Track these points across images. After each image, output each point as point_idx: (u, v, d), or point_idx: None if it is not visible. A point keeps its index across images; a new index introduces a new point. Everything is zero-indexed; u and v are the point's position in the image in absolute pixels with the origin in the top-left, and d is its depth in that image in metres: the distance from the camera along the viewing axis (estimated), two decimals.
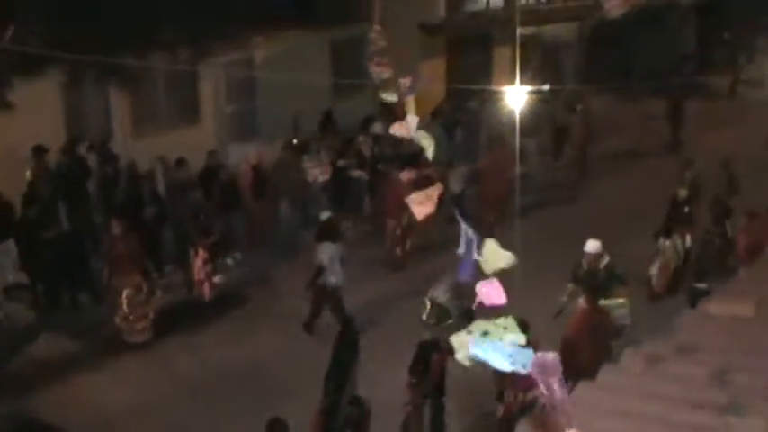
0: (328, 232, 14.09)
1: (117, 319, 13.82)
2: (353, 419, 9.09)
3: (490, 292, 7.55)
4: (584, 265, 12.80)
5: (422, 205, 7.68)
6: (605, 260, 12.78)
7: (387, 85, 8.60)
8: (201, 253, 14.73)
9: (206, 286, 14.83)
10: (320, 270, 13.66)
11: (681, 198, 15.34)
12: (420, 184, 8.83)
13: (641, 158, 22.40)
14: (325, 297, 13.88)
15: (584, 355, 10.80)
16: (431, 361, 10.25)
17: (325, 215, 14.55)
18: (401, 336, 10.08)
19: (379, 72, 10.98)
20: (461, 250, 6.92)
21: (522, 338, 6.88)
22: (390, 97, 10.08)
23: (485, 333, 6.04)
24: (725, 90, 28.59)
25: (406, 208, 16.10)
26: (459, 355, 5.61)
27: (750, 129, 23.19)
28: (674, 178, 16.30)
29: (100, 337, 14.08)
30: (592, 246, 12.79)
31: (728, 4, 28.69)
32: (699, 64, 30.62)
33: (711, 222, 15.04)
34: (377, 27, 8.77)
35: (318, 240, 13.99)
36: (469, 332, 6.01)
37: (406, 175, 15.52)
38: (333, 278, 13.77)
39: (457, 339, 5.74)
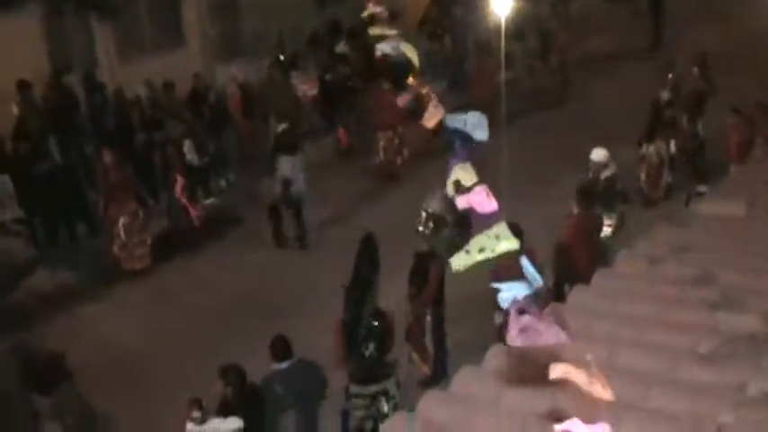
0: (285, 144, 14.20)
1: (115, 248, 13.90)
2: (376, 333, 9.19)
3: (481, 201, 7.65)
4: (590, 174, 12.74)
5: (432, 116, 7.77)
6: (608, 172, 12.63)
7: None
8: (179, 179, 14.66)
9: (192, 211, 14.81)
10: (286, 183, 13.90)
11: (663, 101, 14.89)
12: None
13: (628, 59, 22.17)
14: (287, 208, 14.24)
15: (578, 259, 10.91)
16: (429, 271, 10.33)
17: (280, 127, 14.56)
18: (399, 246, 10.10)
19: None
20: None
21: (515, 243, 6.97)
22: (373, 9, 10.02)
23: (481, 250, 6.13)
24: None
25: (400, 118, 16.36)
26: (453, 268, 5.69)
27: (742, 21, 22.86)
28: (658, 80, 16.08)
29: (99, 268, 14.18)
30: (596, 154, 12.66)
31: None
32: None
33: (685, 122, 14.90)
34: None
35: (276, 153, 14.10)
36: (467, 251, 6.09)
37: (402, 100, 15.45)
38: (295, 189, 14.03)
39: (456, 260, 5.81)
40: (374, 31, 12.72)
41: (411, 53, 8.06)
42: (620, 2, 24.81)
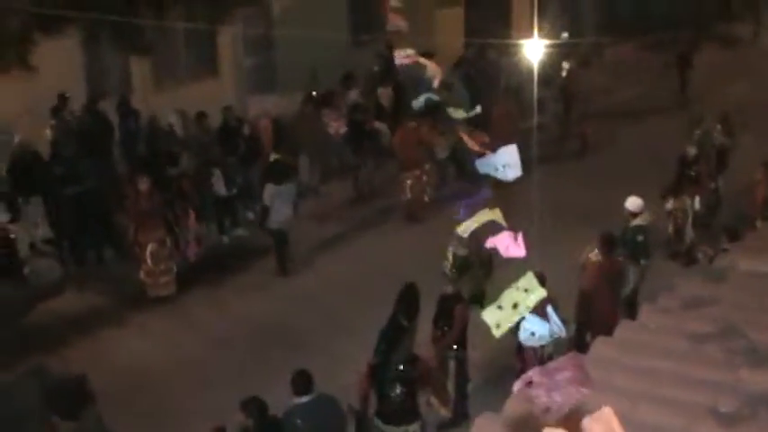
0: (272, 174, 14.59)
1: (141, 274, 14.04)
2: (405, 377, 9.29)
3: (509, 245, 7.70)
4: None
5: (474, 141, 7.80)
6: (637, 221, 12.51)
7: (401, 35, 8.87)
8: (191, 212, 14.87)
9: (191, 246, 14.90)
10: (264, 210, 14.35)
11: (690, 156, 14.88)
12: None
13: (657, 111, 22.23)
14: (271, 237, 14.66)
15: (600, 308, 10.95)
16: (453, 313, 10.39)
17: (272, 156, 14.99)
18: (423, 288, 10.18)
19: (395, 22, 11.08)
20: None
21: (542, 293, 7.05)
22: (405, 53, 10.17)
23: (514, 306, 6.19)
24: (747, 37, 28.24)
25: (426, 158, 16.44)
26: (498, 333, 5.73)
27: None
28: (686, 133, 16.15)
29: (125, 293, 14.33)
30: (630, 202, 12.57)
31: None
32: (719, 9, 30.27)
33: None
34: None
35: (263, 182, 14.60)
36: (500, 307, 6.15)
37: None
38: (274, 219, 14.39)
39: (493, 317, 5.85)
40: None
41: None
42: (654, 51, 24.95)
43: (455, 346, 10.48)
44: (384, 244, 15.73)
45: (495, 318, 5.82)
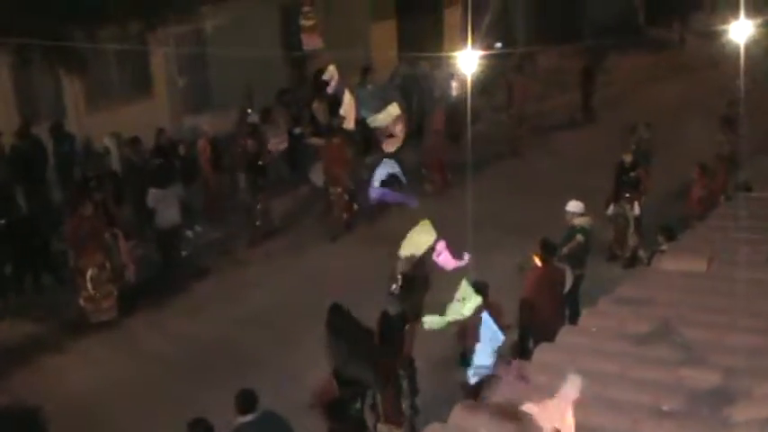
0: (155, 178, 15.20)
1: (81, 301, 13.83)
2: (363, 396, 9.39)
3: (446, 260, 7.78)
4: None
5: (392, 142, 7.86)
6: (578, 221, 12.75)
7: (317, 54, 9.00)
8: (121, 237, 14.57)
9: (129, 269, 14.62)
10: (149, 213, 14.90)
11: (627, 164, 15.10)
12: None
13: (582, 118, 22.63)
14: (160, 238, 15.13)
15: (542, 313, 11.06)
16: (402, 334, 10.39)
17: (153, 162, 15.68)
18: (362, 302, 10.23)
19: (310, 43, 11.11)
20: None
21: (478, 300, 7.13)
22: (326, 75, 10.24)
23: (452, 313, 6.31)
24: (674, 42, 28.86)
25: (349, 173, 16.44)
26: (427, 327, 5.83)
27: (696, 81, 23.48)
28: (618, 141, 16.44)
29: (65, 319, 14.10)
30: (571, 205, 12.85)
31: None
32: (647, 15, 30.92)
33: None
34: (307, 8, 9.02)
35: (146, 186, 15.02)
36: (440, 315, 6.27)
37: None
38: (160, 221, 14.89)
39: (429, 320, 5.95)
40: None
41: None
42: (582, 59, 25.32)
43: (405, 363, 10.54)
44: (320, 260, 15.74)
45: (435, 322, 5.97)
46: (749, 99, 15.77)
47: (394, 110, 6.82)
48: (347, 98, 8.43)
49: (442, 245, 7.26)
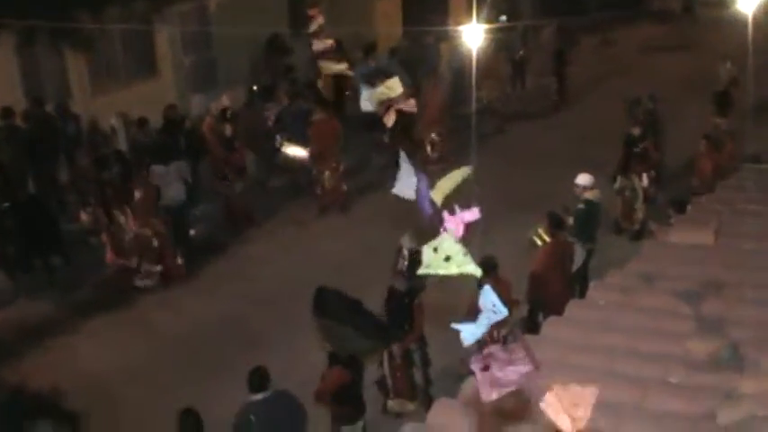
0: (158, 155, 15.07)
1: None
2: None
3: (463, 217, 7.71)
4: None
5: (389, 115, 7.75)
6: (587, 195, 12.62)
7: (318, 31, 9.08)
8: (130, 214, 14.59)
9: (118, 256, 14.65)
10: (157, 190, 14.58)
11: (634, 135, 15.05)
12: None
13: (597, 89, 22.55)
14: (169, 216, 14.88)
15: (552, 287, 11.08)
16: (412, 309, 10.44)
17: (153, 139, 15.56)
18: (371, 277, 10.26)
19: (315, 20, 11.18)
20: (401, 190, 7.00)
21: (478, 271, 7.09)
22: (319, 45, 10.18)
23: (447, 258, 6.24)
24: (680, 12, 28.71)
25: (336, 151, 16.35)
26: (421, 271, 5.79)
27: (704, 50, 23.34)
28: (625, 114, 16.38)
29: (76, 299, 14.14)
30: (581, 178, 12.72)
31: None
32: None
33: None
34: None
35: (150, 164, 14.88)
36: (435, 249, 6.18)
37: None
38: (166, 198, 14.72)
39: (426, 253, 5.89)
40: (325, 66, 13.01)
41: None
42: (587, 32, 25.25)
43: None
44: (330, 237, 15.73)
45: (428, 258, 5.85)
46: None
47: (395, 84, 6.71)
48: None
49: (450, 218, 7.14)
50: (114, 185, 14.70)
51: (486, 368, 4.77)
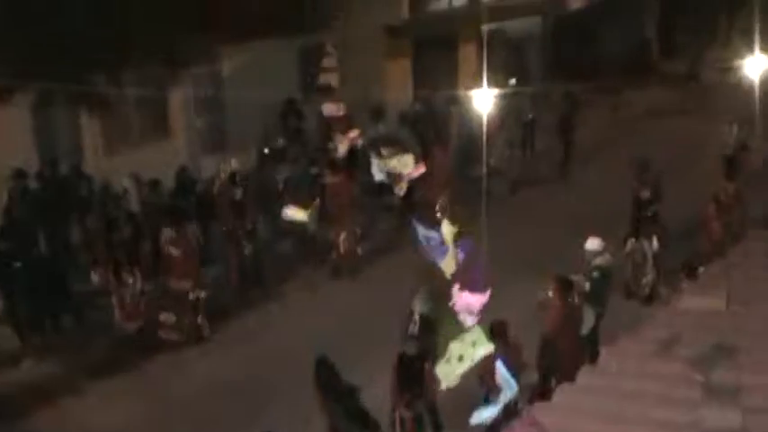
0: (167, 219, 14.95)
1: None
2: None
3: (470, 301, 7.72)
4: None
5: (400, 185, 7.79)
6: (597, 261, 12.64)
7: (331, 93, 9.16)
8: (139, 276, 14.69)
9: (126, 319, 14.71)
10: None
11: (644, 199, 15.12)
12: None
13: (607, 151, 22.64)
14: None
15: (564, 351, 11.01)
16: (422, 373, 10.40)
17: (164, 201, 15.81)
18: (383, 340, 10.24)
19: (326, 79, 11.27)
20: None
21: (490, 347, 7.08)
22: (330, 109, 10.28)
23: (460, 359, 6.27)
24: (686, 75, 28.94)
25: (355, 213, 16.39)
26: (445, 385, 5.80)
27: (709, 114, 23.48)
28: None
29: (85, 360, 14.09)
30: (590, 243, 12.76)
31: None
32: (661, 49, 31.07)
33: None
34: (331, 49, 9.10)
35: (161, 227, 14.90)
36: (448, 360, 6.23)
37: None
38: None
39: (441, 370, 5.91)
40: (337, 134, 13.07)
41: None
42: (600, 93, 25.45)
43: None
44: (341, 299, 15.72)
45: (444, 371, 5.92)
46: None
47: (408, 161, 6.82)
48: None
49: (459, 295, 7.14)
50: (123, 246, 14.74)
51: None
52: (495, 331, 9.91)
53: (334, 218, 16.50)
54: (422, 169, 7.53)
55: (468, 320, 6.58)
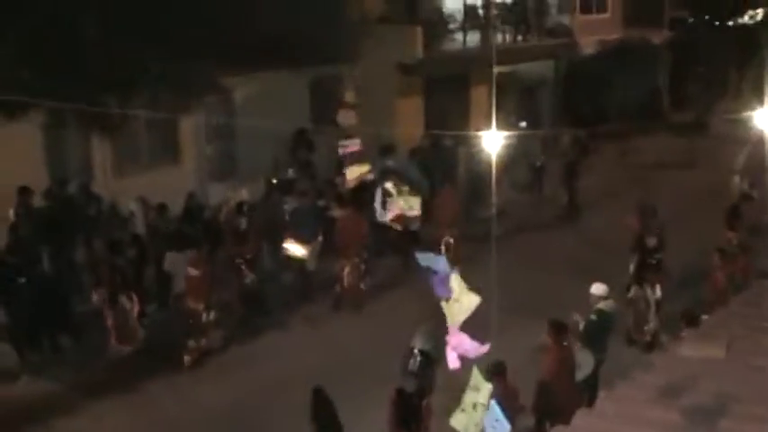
0: (174, 242, 15.41)
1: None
2: None
3: (466, 347, 7.74)
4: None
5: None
6: (600, 305, 12.63)
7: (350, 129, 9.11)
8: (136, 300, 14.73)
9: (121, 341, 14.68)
10: (168, 277, 15.19)
11: (650, 246, 15.13)
12: None
13: (610, 199, 22.70)
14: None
15: (560, 395, 10.98)
16: (421, 410, 10.37)
17: (171, 226, 15.82)
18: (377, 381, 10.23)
19: (345, 118, 11.22)
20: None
21: (488, 386, 7.08)
22: (347, 146, 10.26)
23: (474, 406, 6.32)
24: (695, 124, 29.07)
25: (360, 247, 16.51)
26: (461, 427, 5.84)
27: (718, 165, 23.57)
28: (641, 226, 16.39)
29: (82, 380, 14.08)
30: (595, 287, 12.75)
31: (700, 41, 29.30)
32: (672, 98, 31.23)
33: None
34: (351, 88, 9.26)
35: (164, 250, 15.38)
36: (463, 410, 6.27)
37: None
38: (178, 285, 15.14)
39: (459, 422, 5.97)
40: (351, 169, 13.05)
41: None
42: (608, 140, 25.57)
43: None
44: (341, 333, 15.73)
45: (463, 422, 5.98)
46: None
47: (416, 203, 6.96)
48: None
49: (457, 335, 7.18)
50: (123, 269, 14.75)
51: None
52: (493, 371, 9.93)
53: (339, 251, 16.57)
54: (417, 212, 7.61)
55: (451, 361, 6.64)
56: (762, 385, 9.77)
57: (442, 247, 17.86)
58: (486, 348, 6.38)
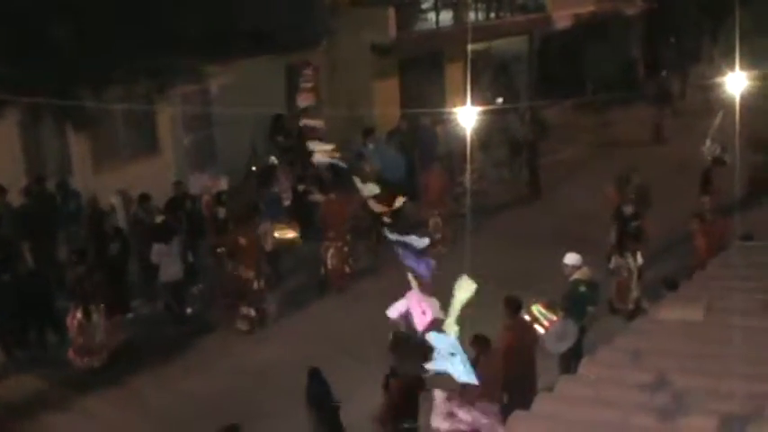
0: (159, 233, 15.39)
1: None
2: None
3: (426, 311, 7.78)
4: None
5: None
6: (576, 275, 12.80)
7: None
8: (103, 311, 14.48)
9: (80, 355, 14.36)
10: (154, 268, 15.28)
11: (627, 214, 15.25)
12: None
13: (594, 166, 22.81)
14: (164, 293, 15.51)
15: (518, 369, 11.11)
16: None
17: (158, 219, 15.79)
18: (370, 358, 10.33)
19: (303, 101, 11.44)
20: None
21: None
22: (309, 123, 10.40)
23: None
24: (673, 94, 29.18)
25: (343, 230, 16.59)
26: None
27: (695, 132, 23.67)
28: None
29: (70, 376, 14.13)
30: (569, 258, 12.93)
31: (672, 10, 29.39)
32: (646, 69, 31.33)
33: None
34: (308, 71, 9.34)
35: (150, 242, 15.36)
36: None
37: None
38: (165, 275, 15.26)
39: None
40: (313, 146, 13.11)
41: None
42: (586, 112, 25.67)
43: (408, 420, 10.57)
44: (325, 316, 15.85)
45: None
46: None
47: (373, 188, 7.02)
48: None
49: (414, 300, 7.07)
50: (92, 282, 14.32)
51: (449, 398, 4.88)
52: (479, 342, 10.15)
53: (322, 234, 16.64)
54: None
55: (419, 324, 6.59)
56: (737, 344, 9.89)
57: (430, 227, 18.03)
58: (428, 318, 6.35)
